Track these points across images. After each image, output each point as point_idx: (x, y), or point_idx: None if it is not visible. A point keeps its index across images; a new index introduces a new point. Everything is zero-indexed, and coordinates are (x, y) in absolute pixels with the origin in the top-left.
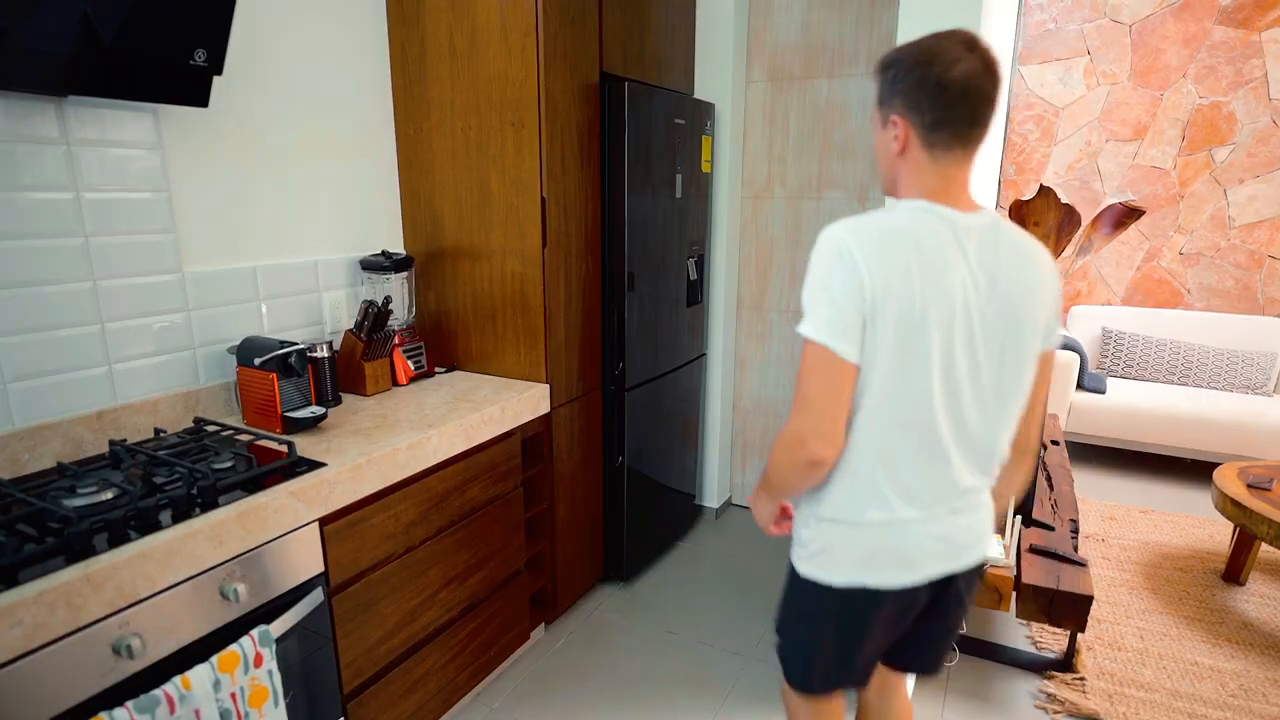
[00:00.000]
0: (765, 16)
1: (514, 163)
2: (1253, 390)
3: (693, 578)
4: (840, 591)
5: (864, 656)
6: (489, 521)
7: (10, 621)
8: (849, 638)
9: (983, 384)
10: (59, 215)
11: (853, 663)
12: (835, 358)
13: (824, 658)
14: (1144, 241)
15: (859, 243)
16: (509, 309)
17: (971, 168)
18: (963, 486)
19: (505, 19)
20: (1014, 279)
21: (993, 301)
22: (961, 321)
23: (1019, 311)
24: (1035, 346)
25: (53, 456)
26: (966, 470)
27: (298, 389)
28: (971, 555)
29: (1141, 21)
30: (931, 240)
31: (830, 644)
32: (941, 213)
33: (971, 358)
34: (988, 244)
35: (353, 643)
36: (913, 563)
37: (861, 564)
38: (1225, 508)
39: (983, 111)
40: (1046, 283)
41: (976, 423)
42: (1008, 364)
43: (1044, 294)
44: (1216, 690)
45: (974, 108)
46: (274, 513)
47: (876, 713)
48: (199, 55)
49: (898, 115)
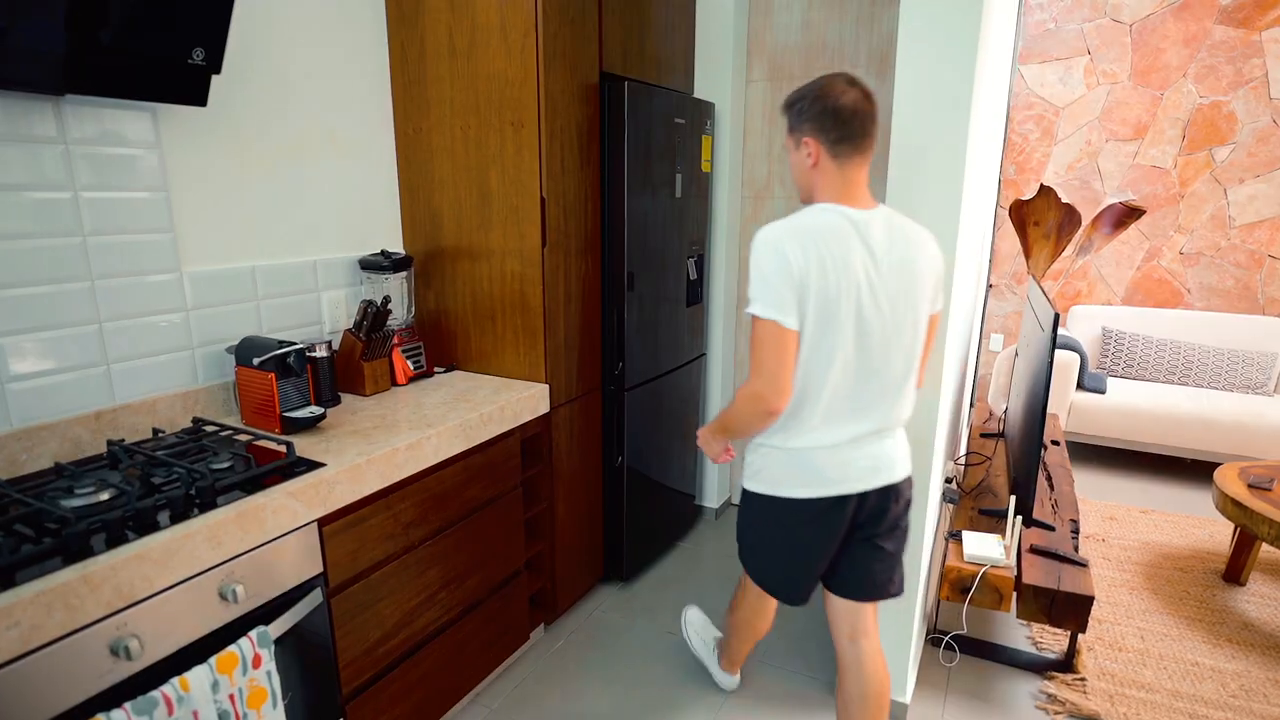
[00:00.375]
0: (765, 16)
1: (513, 162)
2: (1253, 390)
3: (693, 578)
4: (778, 500)
5: (799, 562)
6: (488, 522)
7: (7, 623)
8: (786, 540)
9: (884, 341)
10: (57, 215)
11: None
12: (781, 329)
13: (769, 558)
14: (1144, 241)
15: (788, 239)
16: (508, 309)
17: (866, 172)
18: (873, 420)
19: (505, 18)
20: (903, 259)
21: (888, 277)
22: (866, 294)
23: (909, 284)
24: (925, 310)
25: (50, 457)
26: (875, 407)
27: (296, 389)
28: (883, 477)
29: (1142, 21)
30: (838, 234)
31: (772, 546)
32: (845, 211)
33: (874, 320)
34: (882, 233)
35: (352, 643)
36: (832, 480)
37: (792, 479)
38: (1226, 508)
39: (869, 126)
40: (930, 260)
41: (881, 370)
42: (903, 325)
43: (928, 269)
44: (1217, 691)
45: (862, 124)
46: (273, 513)
47: (850, 660)
48: (197, 54)
49: (809, 137)
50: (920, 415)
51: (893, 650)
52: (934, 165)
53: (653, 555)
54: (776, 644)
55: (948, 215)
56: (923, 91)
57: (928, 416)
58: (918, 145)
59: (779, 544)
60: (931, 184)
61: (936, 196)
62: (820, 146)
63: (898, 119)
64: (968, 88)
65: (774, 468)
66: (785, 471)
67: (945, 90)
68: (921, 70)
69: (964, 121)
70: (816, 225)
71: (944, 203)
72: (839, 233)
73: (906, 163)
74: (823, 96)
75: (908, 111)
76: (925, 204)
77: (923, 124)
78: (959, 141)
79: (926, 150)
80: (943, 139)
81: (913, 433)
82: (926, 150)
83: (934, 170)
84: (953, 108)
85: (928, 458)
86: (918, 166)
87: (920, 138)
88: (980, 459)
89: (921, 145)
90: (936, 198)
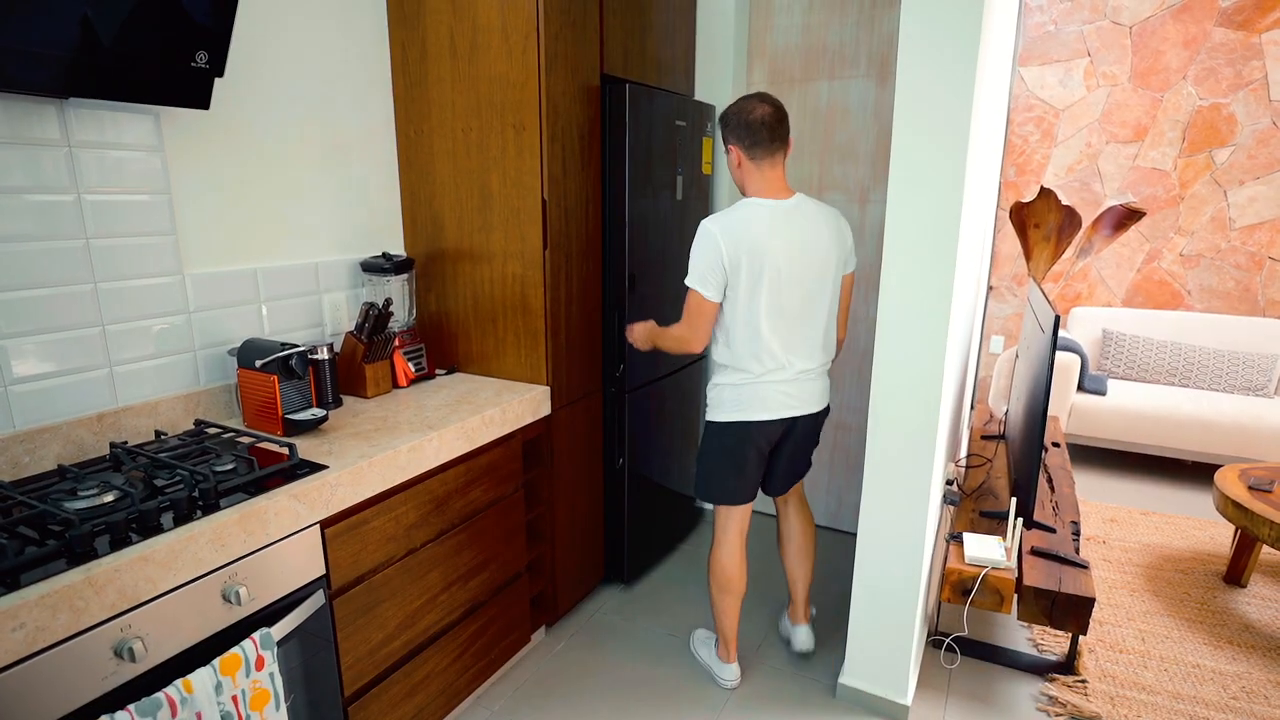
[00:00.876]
0: (766, 19)
1: (515, 164)
2: (1253, 392)
3: (694, 580)
4: (730, 424)
5: (745, 474)
6: (490, 524)
7: (13, 624)
8: (735, 455)
9: (804, 299)
10: (60, 217)
11: (739, 475)
12: (704, 298)
13: (722, 472)
14: (1144, 243)
15: (719, 229)
16: (510, 311)
17: (782, 170)
18: (802, 361)
19: (506, 21)
20: (814, 234)
21: (802, 250)
22: (785, 264)
23: (820, 253)
24: (837, 273)
25: (53, 459)
26: (801, 351)
27: (298, 391)
28: (807, 408)
29: (1141, 23)
30: (759, 221)
31: (724, 463)
32: (766, 203)
33: (793, 284)
34: (796, 218)
35: (354, 645)
36: (769, 407)
37: (739, 407)
38: (1226, 510)
39: (777, 132)
40: (836, 232)
41: (804, 321)
42: (821, 286)
43: (834, 239)
44: (1219, 693)
45: (771, 132)
46: (275, 515)
47: (783, 517)
48: (200, 58)
49: (732, 145)
50: (920, 416)
51: (893, 652)
52: (934, 167)
53: (654, 557)
54: (775, 646)
55: (948, 217)
56: (923, 94)
57: (928, 418)
58: (919, 147)
59: (731, 458)
60: (932, 186)
61: (937, 198)
62: (741, 152)
63: (898, 121)
64: (968, 90)
65: (728, 402)
66: (735, 403)
67: (946, 92)
68: (922, 73)
69: (964, 123)
70: (743, 217)
71: (944, 204)
72: (760, 220)
73: (908, 165)
74: (740, 113)
75: (908, 114)
76: (926, 206)
77: (923, 126)
78: (959, 143)
79: (927, 152)
80: (943, 141)
81: (911, 432)
82: (927, 152)
83: (934, 172)
84: (953, 110)
85: (928, 459)
86: (919, 168)
87: (921, 140)
88: (981, 461)
89: (922, 147)
90: (937, 200)
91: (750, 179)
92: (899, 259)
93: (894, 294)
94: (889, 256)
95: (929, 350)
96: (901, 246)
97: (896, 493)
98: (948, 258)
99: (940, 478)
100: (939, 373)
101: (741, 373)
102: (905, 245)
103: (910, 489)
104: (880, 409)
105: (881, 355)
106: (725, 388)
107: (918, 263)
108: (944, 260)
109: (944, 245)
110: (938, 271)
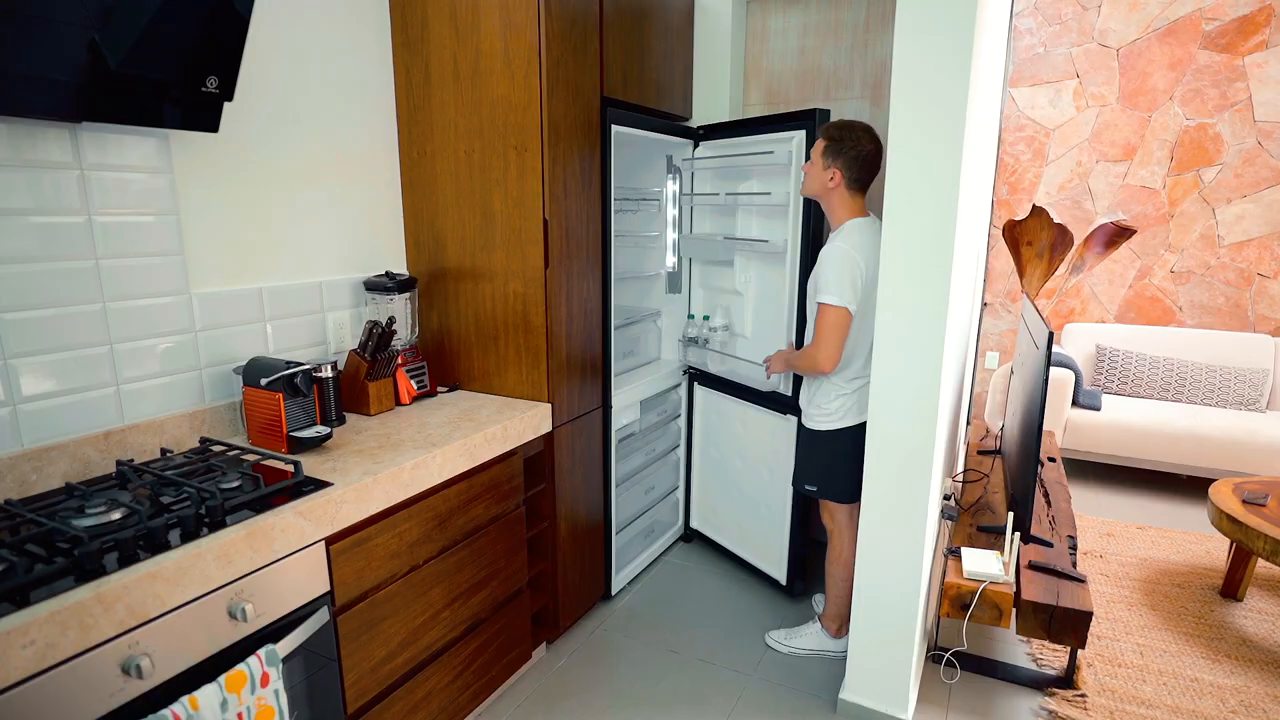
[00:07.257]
0: (762, 42)
1: (516, 185)
2: (1245, 406)
3: (695, 597)
4: (854, 429)
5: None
6: (491, 540)
7: (23, 641)
8: (859, 454)
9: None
10: (71, 238)
11: (858, 472)
12: (848, 313)
13: (847, 473)
14: (1135, 260)
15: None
16: (511, 329)
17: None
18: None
19: (508, 45)
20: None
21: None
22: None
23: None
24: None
25: (60, 477)
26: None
27: (303, 409)
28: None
29: (1128, 46)
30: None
31: (847, 463)
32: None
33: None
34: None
35: (357, 662)
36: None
37: (857, 412)
38: (1221, 523)
39: (878, 168)
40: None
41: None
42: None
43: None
44: (1217, 706)
45: (874, 168)
46: (281, 532)
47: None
48: (211, 82)
49: (836, 169)
50: (918, 432)
51: (893, 667)
52: (929, 186)
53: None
54: (775, 662)
55: (943, 235)
56: (917, 115)
57: (925, 433)
58: (913, 167)
59: (852, 459)
60: (927, 204)
61: (932, 217)
62: (842, 178)
63: (893, 141)
64: (960, 111)
65: (852, 408)
66: (858, 408)
67: (938, 114)
68: (915, 95)
69: (957, 144)
70: (860, 240)
71: (939, 223)
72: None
73: (903, 184)
74: (855, 146)
75: (902, 135)
76: (921, 224)
77: (917, 147)
78: (953, 163)
79: (921, 172)
80: (937, 161)
81: (908, 448)
82: (921, 172)
83: (929, 191)
84: (946, 131)
85: (926, 474)
86: (913, 187)
87: (915, 160)
88: (978, 476)
89: (916, 167)
90: (932, 218)
91: (843, 201)
92: (895, 277)
93: (890, 311)
94: (885, 275)
95: (925, 366)
96: (897, 264)
97: (895, 508)
98: (943, 275)
99: (938, 493)
100: (936, 389)
101: (856, 380)
102: (901, 263)
103: (908, 504)
104: (878, 425)
105: (879, 372)
106: (846, 396)
107: (913, 280)
108: (939, 278)
109: (939, 263)
110: (933, 289)
